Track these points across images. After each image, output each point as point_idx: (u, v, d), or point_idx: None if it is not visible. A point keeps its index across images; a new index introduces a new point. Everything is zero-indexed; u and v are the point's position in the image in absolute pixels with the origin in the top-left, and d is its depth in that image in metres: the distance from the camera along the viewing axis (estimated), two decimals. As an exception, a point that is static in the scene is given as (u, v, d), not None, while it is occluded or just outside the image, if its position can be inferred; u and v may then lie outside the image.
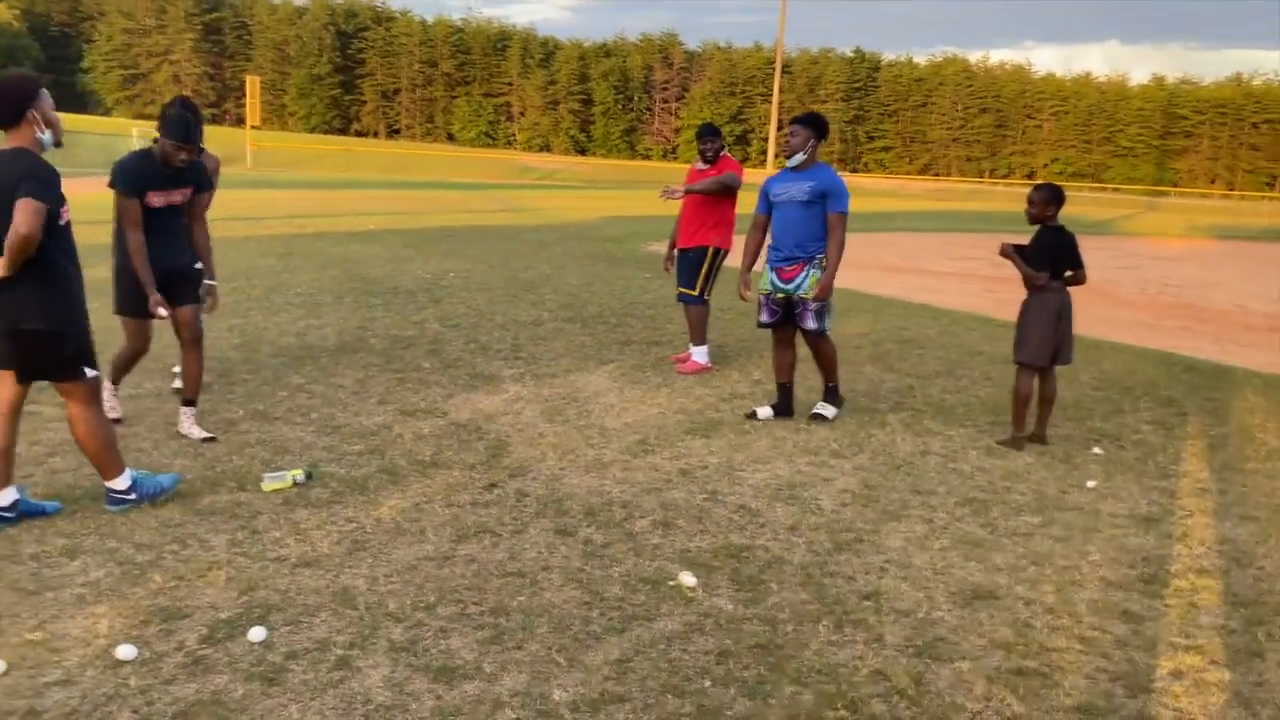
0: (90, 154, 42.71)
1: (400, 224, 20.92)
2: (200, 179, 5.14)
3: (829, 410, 6.19)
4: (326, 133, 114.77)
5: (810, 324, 5.98)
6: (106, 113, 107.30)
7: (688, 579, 3.73)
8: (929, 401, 6.87)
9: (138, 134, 41.69)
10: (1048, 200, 5.73)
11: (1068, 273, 5.78)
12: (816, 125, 5.89)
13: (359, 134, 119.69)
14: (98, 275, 5.49)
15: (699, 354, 7.55)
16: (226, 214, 21.09)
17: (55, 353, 3.92)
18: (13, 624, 3.20)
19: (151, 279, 4.93)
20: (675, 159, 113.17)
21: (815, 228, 5.83)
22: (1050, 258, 5.73)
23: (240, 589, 3.52)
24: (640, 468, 5.12)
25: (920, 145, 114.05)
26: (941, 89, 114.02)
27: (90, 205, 5.72)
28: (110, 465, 4.15)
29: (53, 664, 2.98)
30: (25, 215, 3.64)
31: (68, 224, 3.94)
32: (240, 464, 4.87)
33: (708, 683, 3.04)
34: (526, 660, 3.12)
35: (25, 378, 3.98)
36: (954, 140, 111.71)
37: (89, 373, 4.05)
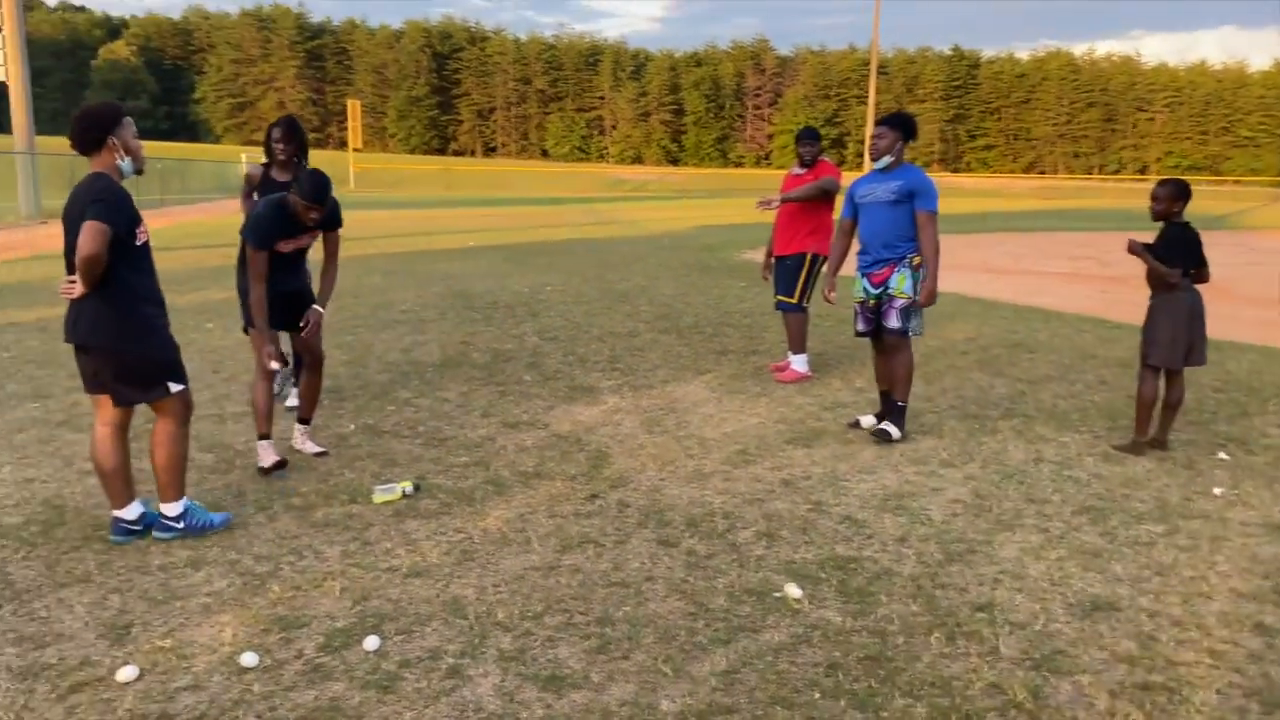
0: (202, 181, 44.73)
1: (498, 240, 21.33)
2: (330, 221, 5.05)
3: (894, 430, 5.80)
4: (425, 153, 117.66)
5: (893, 322, 5.77)
6: (217, 140, 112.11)
7: (793, 590, 3.70)
8: (1041, 407, 6.68)
9: (245, 159, 43.41)
10: (1174, 196, 5.53)
11: (1192, 270, 5.56)
12: (904, 126, 5.76)
13: (456, 153, 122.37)
14: (211, 297, 5.79)
15: (798, 362, 7.49)
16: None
17: (123, 371, 4.02)
18: (145, 631, 3.37)
19: (269, 333, 4.93)
20: (769, 165, 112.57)
21: (903, 228, 5.71)
22: (1180, 255, 5.51)
23: (354, 598, 3.63)
24: (742, 478, 5.10)
25: (1024, 142, 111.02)
26: (1045, 84, 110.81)
27: (202, 230, 6.02)
28: (170, 487, 4.19)
29: (182, 670, 3.12)
30: (88, 236, 3.76)
31: (144, 245, 4.02)
32: (352, 477, 5.03)
33: (817, 695, 3.01)
34: (633, 670, 3.15)
35: (116, 400, 4.10)
36: (1060, 136, 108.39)
37: (173, 388, 4.14)
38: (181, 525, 4.19)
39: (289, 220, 4.90)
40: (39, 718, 2.83)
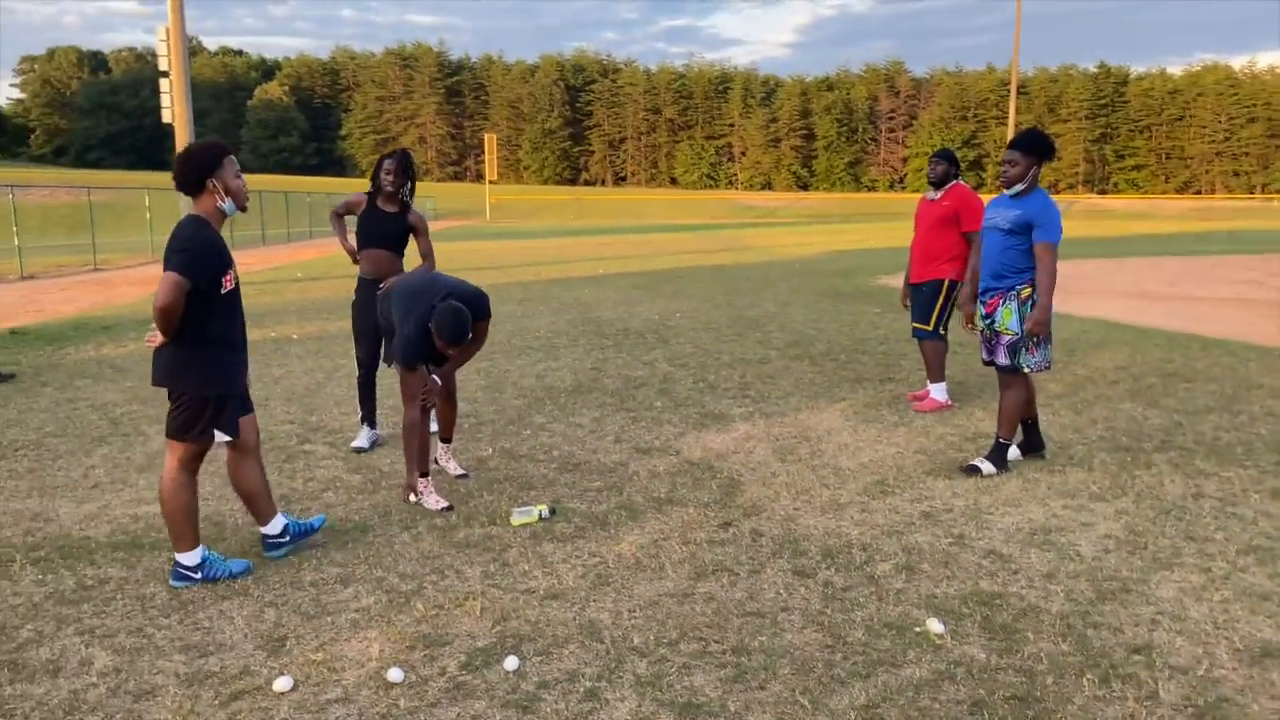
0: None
1: (628, 267, 21.60)
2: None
3: (986, 466, 5.57)
4: (557, 183, 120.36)
5: (1001, 358, 5.59)
6: (361, 175, 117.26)
7: (935, 625, 3.61)
8: (1200, 440, 6.34)
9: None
10: None
11: None
12: (1037, 148, 5.47)
13: (587, 183, 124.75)
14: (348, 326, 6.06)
15: (937, 391, 7.32)
16: (469, 264, 22.52)
17: (176, 408, 3.99)
18: (298, 644, 3.54)
19: (426, 378, 5.10)
20: (903, 189, 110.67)
21: (1014, 258, 5.45)
22: None
23: (494, 619, 3.73)
24: (879, 509, 5.01)
25: (1178, 161, 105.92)
26: (1201, 100, 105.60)
27: (347, 261, 6.32)
28: (181, 537, 4.04)
29: (333, 683, 3.27)
30: (164, 288, 3.76)
31: (231, 291, 4.01)
32: (490, 499, 5.17)
33: (961, 734, 2.93)
34: (770, 701, 3.13)
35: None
36: (1217, 154, 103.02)
37: (220, 437, 4.10)
38: (199, 576, 4.07)
39: (433, 349, 4.98)
40: (204, 722, 3.01)
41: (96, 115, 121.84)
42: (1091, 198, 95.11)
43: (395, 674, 3.27)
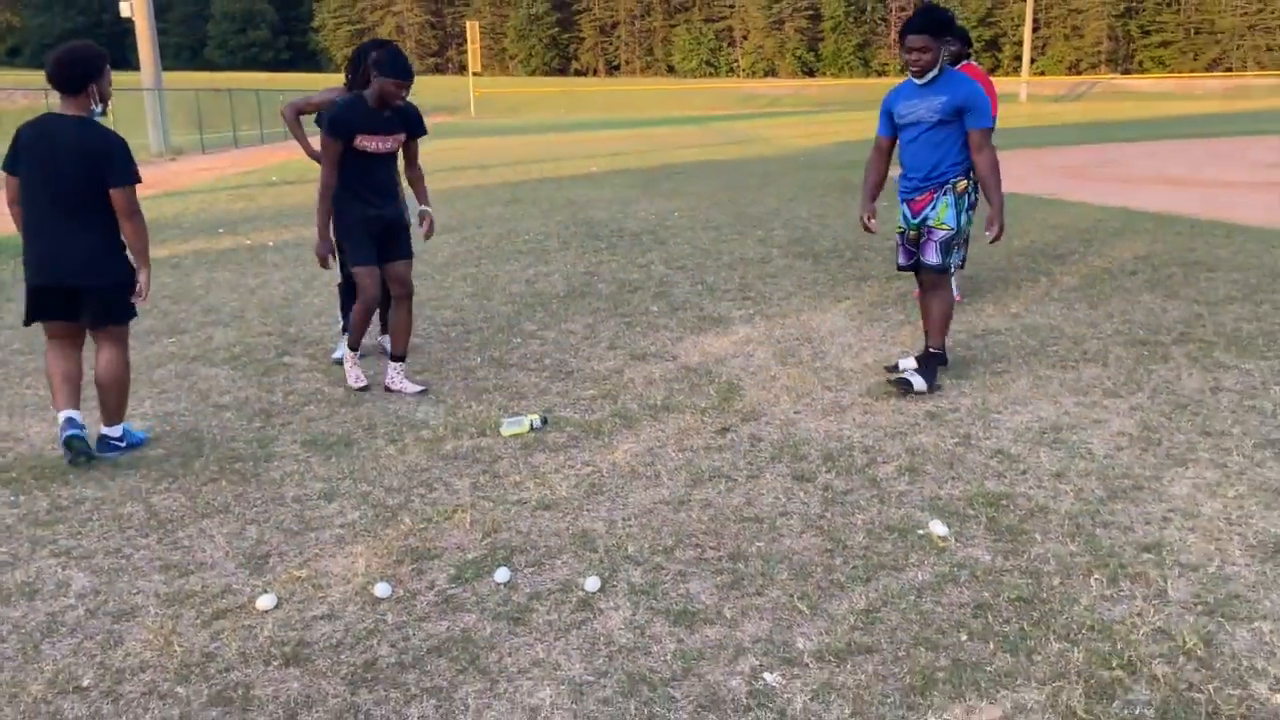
0: (324, 112, 46.01)
1: (623, 164, 21.34)
2: (414, 126, 5.35)
3: (918, 381, 5.25)
4: (546, 74, 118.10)
5: (931, 256, 5.24)
6: (337, 69, 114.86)
7: (939, 528, 3.66)
8: (1220, 331, 6.33)
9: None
10: None
11: None
12: (938, 27, 5.09)
13: (578, 73, 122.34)
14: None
15: (946, 286, 7.28)
16: (453, 163, 22.25)
17: (116, 298, 4.52)
18: (281, 561, 3.59)
19: (328, 227, 5.32)
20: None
21: (950, 151, 5.17)
22: None
23: (484, 531, 3.78)
24: (883, 411, 5.04)
25: (1207, 36, 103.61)
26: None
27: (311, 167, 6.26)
28: (120, 411, 4.65)
29: (318, 599, 3.32)
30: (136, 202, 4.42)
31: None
32: (480, 410, 5.19)
33: (964, 636, 2.99)
34: (768, 607, 3.18)
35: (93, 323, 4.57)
36: (1250, 28, 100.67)
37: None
38: (124, 444, 4.69)
39: (369, 112, 5.16)
40: (186, 642, 3.07)
41: (51, 11, 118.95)
42: (1115, 78, 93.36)
43: (382, 589, 3.33)
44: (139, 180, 4.42)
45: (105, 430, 4.65)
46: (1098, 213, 11.76)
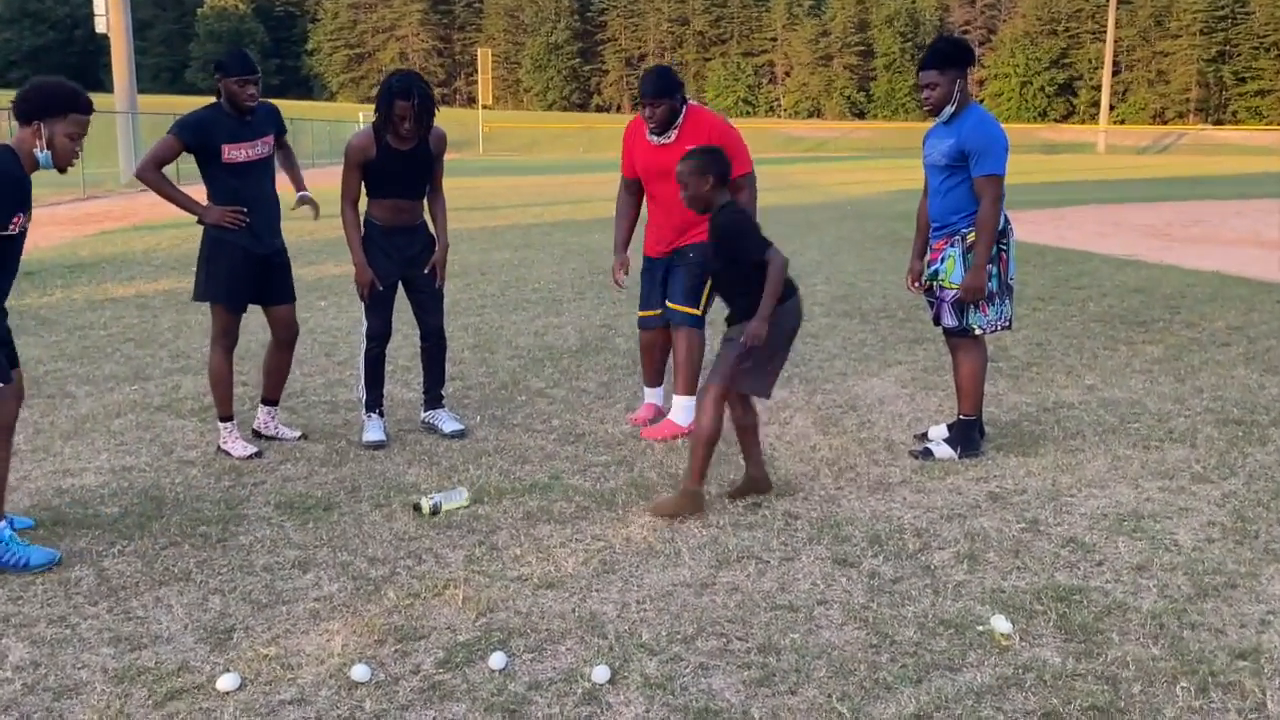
0: (315, 143, 46.86)
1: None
2: (277, 122, 5.65)
3: (943, 450, 5.42)
4: (564, 109, 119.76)
5: (946, 318, 5.37)
6: (331, 97, 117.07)
7: (1001, 624, 3.62)
8: (1326, 413, 6.29)
9: (363, 118, 45.26)
10: None
11: None
12: (950, 60, 5.24)
13: (600, 109, 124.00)
14: (326, 272, 6.10)
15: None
16: (459, 205, 22.52)
17: None
18: (247, 637, 3.58)
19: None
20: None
21: (957, 198, 5.29)
22: None
23: (478, 610, 3.76)
24: (938, 490, 5.01)
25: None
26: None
27: (316, 198, 6.34)
28: None
29: (287, 681, 3.30)
30: None
31: (14, 238, 4.20)
32: (477, 474, 5.20)
33: (1028, 749, 2.93)
34: (802, 708, 3.14)
35: None
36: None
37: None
38: None
39: (225, 117, 5.41)
40: (136, 724, 3.05)
41: (19, 25, 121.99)
42: (1205, 129, 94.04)
43: (361, 672, 3.30)
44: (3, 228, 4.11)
45: None
46: (1185, 276, 11.77)
